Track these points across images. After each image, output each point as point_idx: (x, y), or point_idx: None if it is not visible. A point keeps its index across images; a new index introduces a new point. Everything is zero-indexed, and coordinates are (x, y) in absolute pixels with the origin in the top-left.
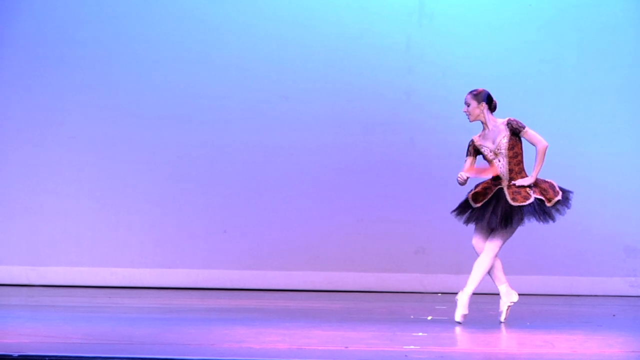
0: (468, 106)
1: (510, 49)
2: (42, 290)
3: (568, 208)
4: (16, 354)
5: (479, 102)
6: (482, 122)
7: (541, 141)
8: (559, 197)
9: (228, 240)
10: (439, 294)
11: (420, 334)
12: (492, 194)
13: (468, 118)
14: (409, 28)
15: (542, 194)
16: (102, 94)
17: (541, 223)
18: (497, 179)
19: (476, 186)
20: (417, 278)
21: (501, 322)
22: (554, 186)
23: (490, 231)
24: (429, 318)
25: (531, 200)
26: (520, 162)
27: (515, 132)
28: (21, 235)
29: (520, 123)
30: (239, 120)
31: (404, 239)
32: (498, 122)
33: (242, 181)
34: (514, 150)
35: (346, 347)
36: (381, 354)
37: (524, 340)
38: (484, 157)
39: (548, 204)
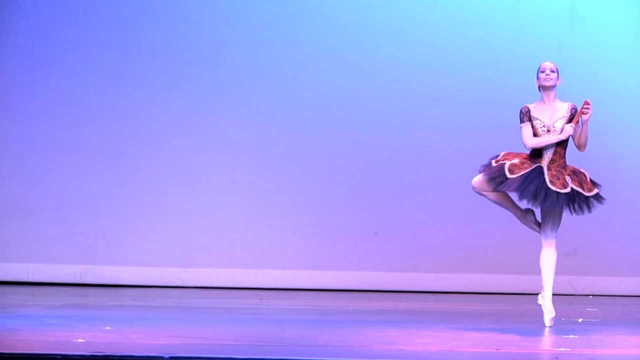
0: (554, 73)
1: None
2: (194, 291)
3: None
4: (167, 356)
5: (559, 76)
6: (545, 95)
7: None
8: (597, 190)
9: (379, 242)
10: (590, 296)
11: (571, 336)
12: (530, 168)
13: (544, 80)
14: (560, 30)
15: (580, 184)
16: (254, 96)
17: (574, 214)
18: (535, 156)
19: (506, 155)
20: (567, 280)
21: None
22: (589, 178)
23: (507, 196)
24: (580, 320)
25: (568, 189)
26: (566, 147)
27: (571, 118)
28: (174, 237)
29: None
30: (390, 122)
31: (557, 241)
32: (557, 101)
33: (394, 183)
34: None
35: (497, 349)
36: (532, 356)
37: None
38: (533, 130)
39: (588, 193)
